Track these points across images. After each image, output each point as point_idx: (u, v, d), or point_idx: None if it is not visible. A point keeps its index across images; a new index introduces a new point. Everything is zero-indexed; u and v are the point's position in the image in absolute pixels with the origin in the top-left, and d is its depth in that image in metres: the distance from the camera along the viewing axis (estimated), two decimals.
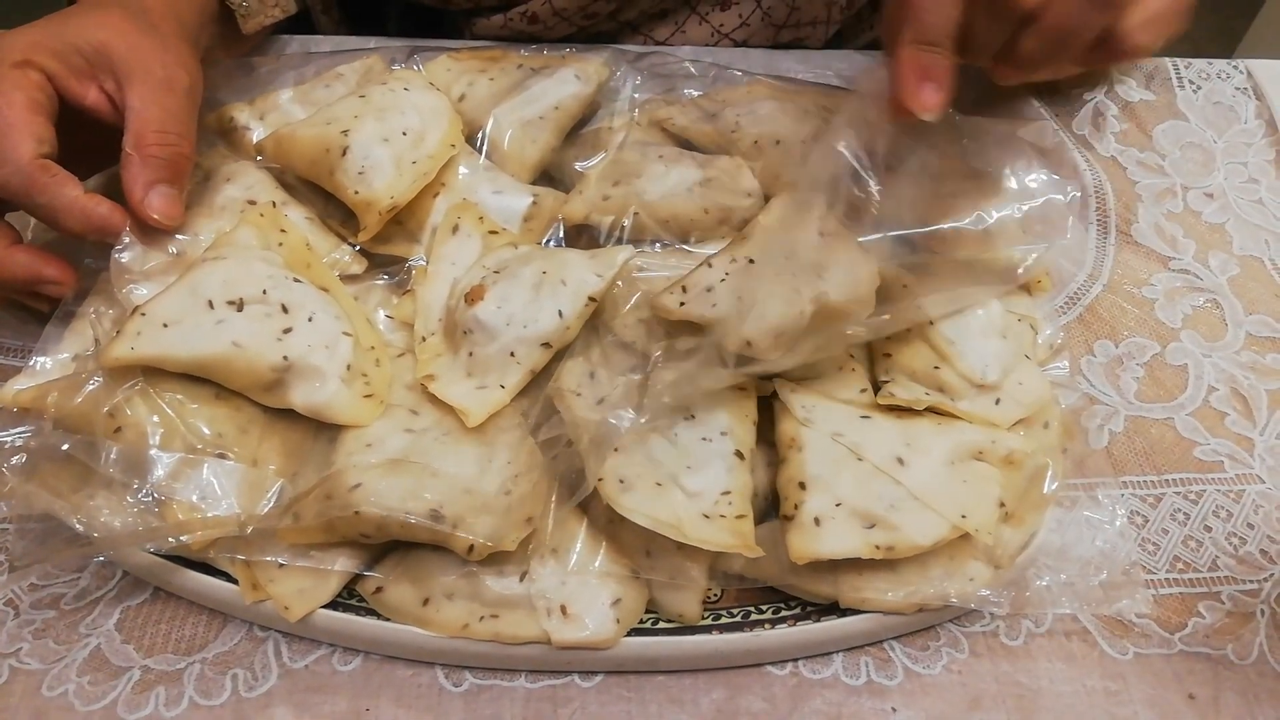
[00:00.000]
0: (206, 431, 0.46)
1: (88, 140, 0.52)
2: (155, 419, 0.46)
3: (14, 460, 0.46)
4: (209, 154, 0.60)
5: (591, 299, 0.51)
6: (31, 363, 0.49)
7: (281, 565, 0.45)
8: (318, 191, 0.59)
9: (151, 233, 0.52)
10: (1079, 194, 0.58)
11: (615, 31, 0.75)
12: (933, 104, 0.48)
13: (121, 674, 0.45)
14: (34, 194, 0.48)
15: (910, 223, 0.58)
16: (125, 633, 0.46)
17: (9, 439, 0.46)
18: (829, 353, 0.50)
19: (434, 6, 0.74)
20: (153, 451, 0.45)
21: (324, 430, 0.49)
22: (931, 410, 0.50)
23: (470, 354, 0.50)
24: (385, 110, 0.57)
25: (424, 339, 0.52)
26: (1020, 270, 0.54)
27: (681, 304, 0.49)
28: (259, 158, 0.59)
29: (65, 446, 0.45)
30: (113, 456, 0.45)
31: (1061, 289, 0.62)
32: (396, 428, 0.48)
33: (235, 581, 0.46)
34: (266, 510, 0.46)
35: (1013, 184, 0.59)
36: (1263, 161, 0.70)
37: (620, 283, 0.53)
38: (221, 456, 0.46)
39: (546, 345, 0.50)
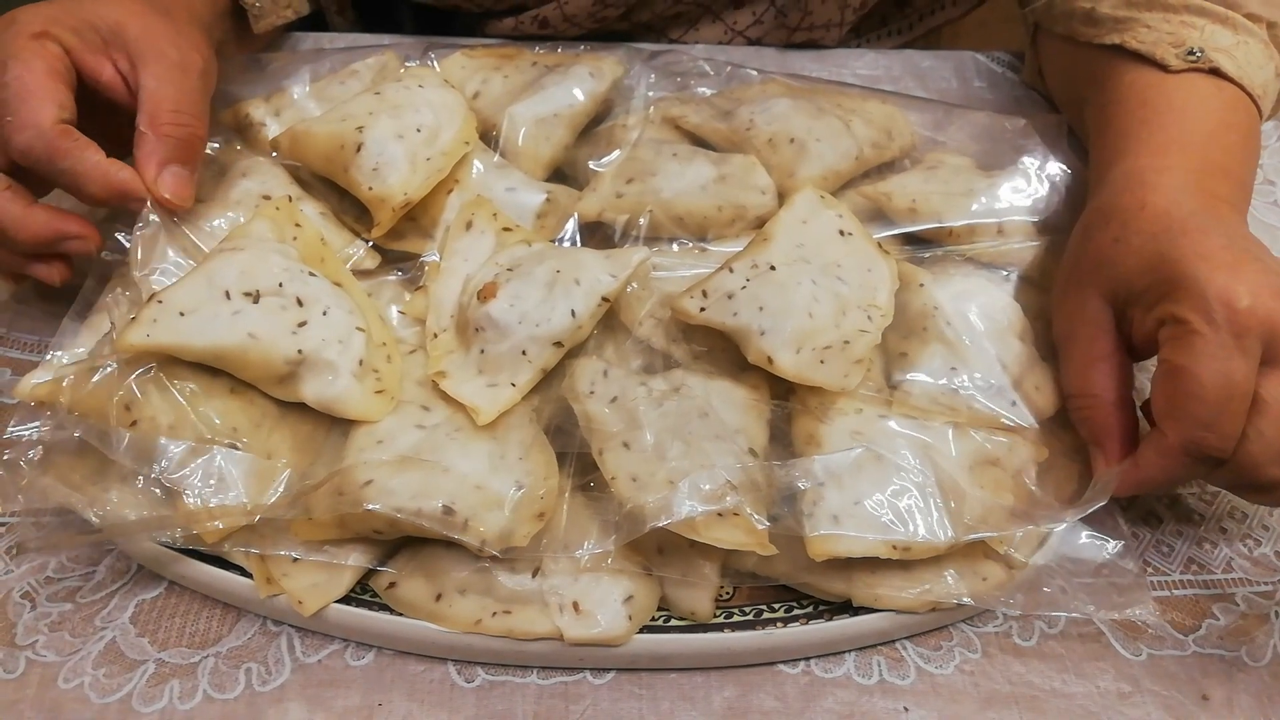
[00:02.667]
0: (220, 424, 0.46)
1: (100, 127, 0.52)
2: (171, 411, 0.46)
3: (31, 454, 0.46)
4: (225, 149, 0.61)
5: (605, 299, 0.51)
6: (48, 357, 0.49)
7: (296, 560, 0.46)
8: (332, 187, 0.59)
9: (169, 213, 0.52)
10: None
11: (629, 31, 0.75)
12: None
13: (136, 667, 0.45)
14: (56, 159, 0.48)
15: (926, 219, 0.58)
16: (140, 626, 0.47)
17: (26, 433, 0.46)
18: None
19: (445, 9, 0.74)
20: (164, 442, 0.45)
21: (337, 425, 0.49)
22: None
23: (482, 351, 0.50)
24: (400, 107, 0.57)
25: (435, 335, 0.52)
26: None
27: (702, 309, 0.49)
28: (274, 154, 0.60)
29: (78, 434, 0.45)
30: (126, 445, 0.45)
31: None
32: (408, 424, 0.48)
33: (249, 576, 0.46)
34: (274, 500, 0.46)
35: (1028, 179, 0.60)
36: (1279, 164, 0.70)
37: (635, 284, 0.53)
38: (233, 448, 0.46)
39: (558, 344, 0.50)
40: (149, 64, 0.51)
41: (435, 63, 0.66)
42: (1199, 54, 0.54)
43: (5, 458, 0.46)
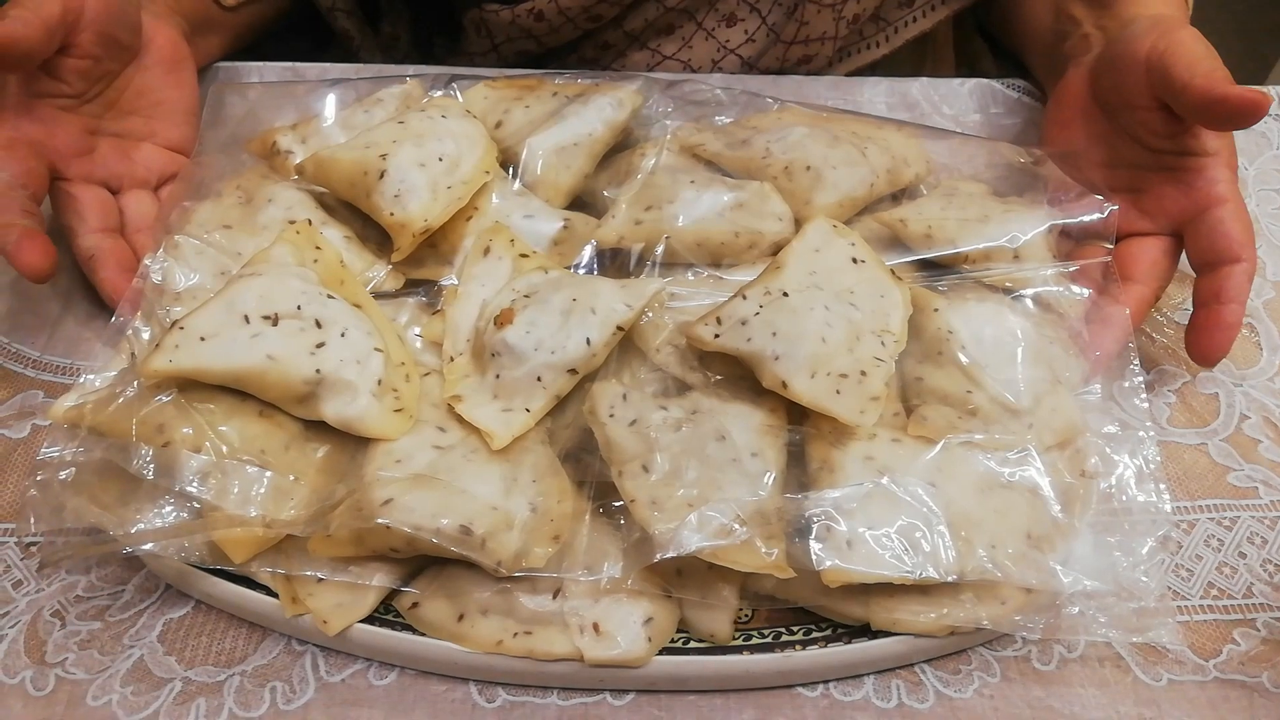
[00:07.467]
0: (248, 446, 0.47)
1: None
2: (201, 433, 0.47)
3: (63, 475, 0.47)
4: (249, 175, 0.62)
5: (620, 328, 0.52)
6: (82, 380, 0.50)
7: (320, 580, 0.46)
8: (355, 213, 0.60)
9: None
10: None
11: (622, 43, 0.75)
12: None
13: (163, 685, 0.46)
14: None
15: (941, 245, 0.59)
16: (167, 645, 0.47)
17: (59, 454, 0.47)
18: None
19: None
20: (190, 459, 0.46)
21: (360, 448, 0.50)
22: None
23: (497, 376, 0.51)
24: (423, 136, 0.58)
25: (452, 359, 0.53)
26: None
27: (716, 335, 0.50)
28: (295, 177, 0.61)
29: (110, 458, 0.46)
30: (152, 463, 0.46)
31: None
32: (424, 444, 0.49)
33: (275, 595, 0.47)
34: (294, 516, 0.46)
35: (1043, 205, 0.60)
36: None
37: (650, 313, 0.54)
38: (259, 467, 0.47)
39: (573, 372, 0.51)
40: None
41: (458, 93, 0.67)
42: None
43: (39, 478, 0.47)
